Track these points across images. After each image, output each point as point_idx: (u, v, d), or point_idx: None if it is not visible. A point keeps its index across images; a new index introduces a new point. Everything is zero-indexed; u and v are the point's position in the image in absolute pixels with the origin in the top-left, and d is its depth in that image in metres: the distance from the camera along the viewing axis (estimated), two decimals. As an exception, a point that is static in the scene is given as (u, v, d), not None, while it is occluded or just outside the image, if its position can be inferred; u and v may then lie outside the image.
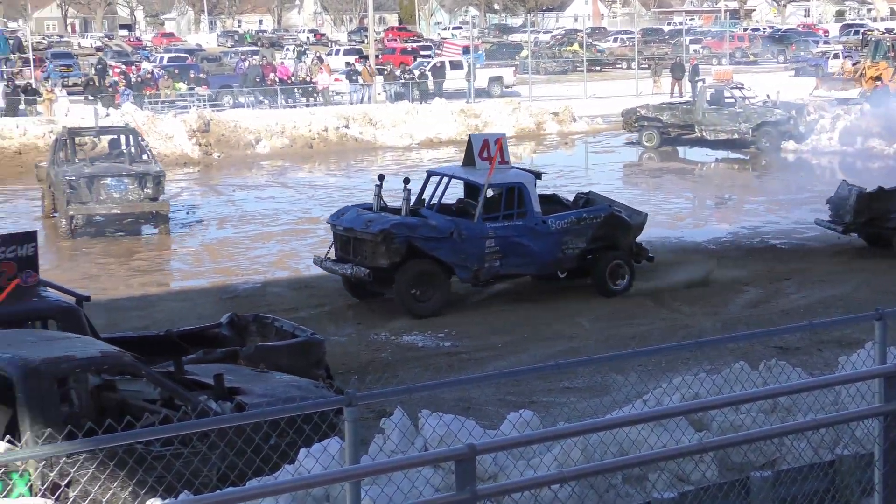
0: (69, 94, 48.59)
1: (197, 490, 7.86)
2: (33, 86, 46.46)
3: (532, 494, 6.82)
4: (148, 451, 8.23)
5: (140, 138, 26.96)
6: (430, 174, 19.91)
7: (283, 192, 30.96)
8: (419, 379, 14.03)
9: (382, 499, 6.94)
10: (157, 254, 23.84)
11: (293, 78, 50.93)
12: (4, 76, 47.87)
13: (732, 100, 36.96)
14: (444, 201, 18.85)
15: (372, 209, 18.53)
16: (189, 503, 5.97)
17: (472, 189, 18.78)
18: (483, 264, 18.16)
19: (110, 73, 52.36)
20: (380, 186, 18.66)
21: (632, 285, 18.85)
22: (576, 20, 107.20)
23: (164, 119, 39.14)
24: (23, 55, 51.88)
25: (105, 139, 29.13)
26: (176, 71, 52.34)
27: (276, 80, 49.59)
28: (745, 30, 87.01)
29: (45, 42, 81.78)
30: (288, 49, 75.78)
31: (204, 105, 45.04)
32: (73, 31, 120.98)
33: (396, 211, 18.47)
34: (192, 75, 51.59)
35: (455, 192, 19.53)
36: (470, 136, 19.94)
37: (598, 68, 65.26)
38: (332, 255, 18.59)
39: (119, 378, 9.75)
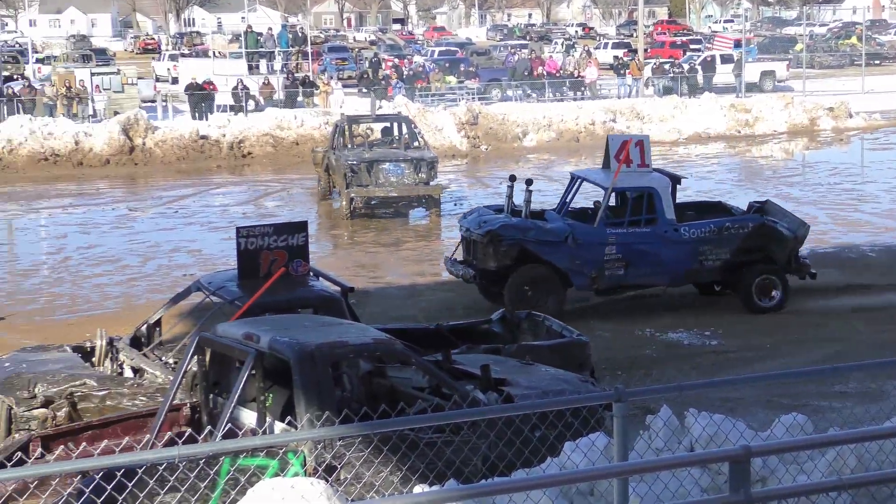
0: (344, 86, 50.03)
1: (466, 479, 7.94)
2: (311, 78, 48.06)
3: (809, 500, 6.59)
4: (419, 437, 8.36)
5: (413, 126, 28.28)
6: (572, 176, 19.21)
7: (549, 186, 30.95)
8: (685, 377, 13.84)
9: (650, 497, 6.85)
10: (425, 243, 24.25)
11: (561, 71, 50.97)
12: (284, 69, 49.64)
13: None
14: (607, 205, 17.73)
15: (502, 211, 17.98)
16: (457, 491, 6.02)
17: (618, 194, 17.85)
18: (602, 272, 17.14)
19: (383, 66, 53.68)
20: (511, 188, 18.13)
21: (785, 303, 17.47)
22: (854, 12, 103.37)
23: (434, 112, 39.80)
24: (302, 49, 53.67)
25: (379, 127, 30.89)
26: (447, 64, 53.19)
27: (544, 73, 49.76)
28: None
29: (322, 36, 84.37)
30: (556, 43, 75.93)
31: (473, 98, 45.64)
32: (349, 25, 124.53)
33: (537, 214, 17.87)
34: (461, 69, 52.33)
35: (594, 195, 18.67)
36: (608, 137, 19.07)
37: (877, 62, 62.82)
38: (459, 255, 18.05)
39: (389, 365, 9.96)
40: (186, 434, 6.75)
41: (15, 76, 49.74)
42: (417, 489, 7.55)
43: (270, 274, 11.35)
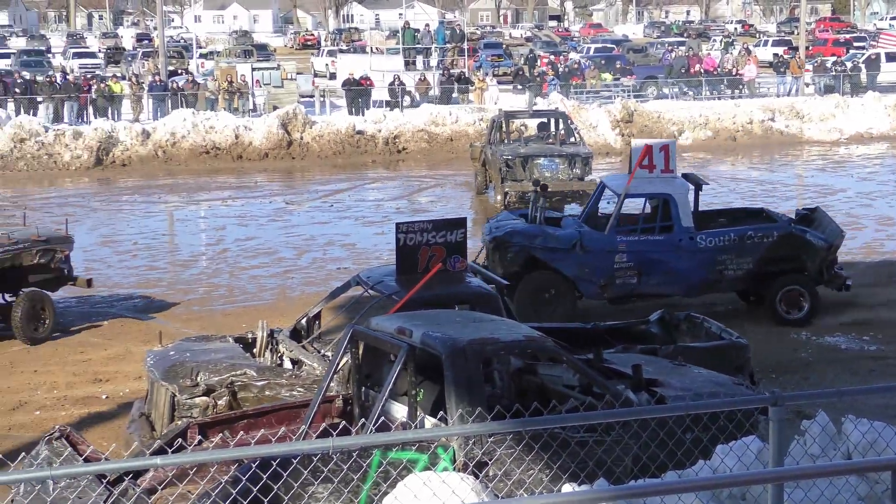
0: (499, 83, 50.08)
1: (616, 479, 7.88)
2: (466, 75, 48.22)
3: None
4: (570, 436, 8.32)
5: (569, 122, 28.39)
6: (599, 182, 18.69)
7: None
8: (843, 382, 13.51)
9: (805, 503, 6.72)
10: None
11: (719, 69, 50.22)
12: (440, 66, 49.92)
13: None
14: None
15: (526, 218, 17.60)
16: (608, 492, 5.98)
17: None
18: (613, 280, 16.60)
19: (538, 63, 53.58)
20: (537, 194, 17.84)
21: (813, 315, 16.65)
22: None
23: (588, 109, 39.61)
24: (458, 45, 53.90)
25: (535, 123, 30.98)
26: (602, 61, 52.85)
27: (702, 71, 49.07)
28: None
29: (478, 33, 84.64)
30: (715, 40, 74.86)
31: (628, 95, 45.26)
32: (505, 21, 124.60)
33: (554, 221, 17.48)
34: (617, 66, 51.94)
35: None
36: (632, 142, 18.40)
37: None
38: (481, 260, 17.33)
39: (540, 363, 9.94)
40: (341, 426, 6.82)
41: (179, 71, 51.03)
42: (567, 488, 7.52)
43: (428, 269, 11.46)
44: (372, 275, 12.32)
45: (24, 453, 8.74)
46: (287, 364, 11.55)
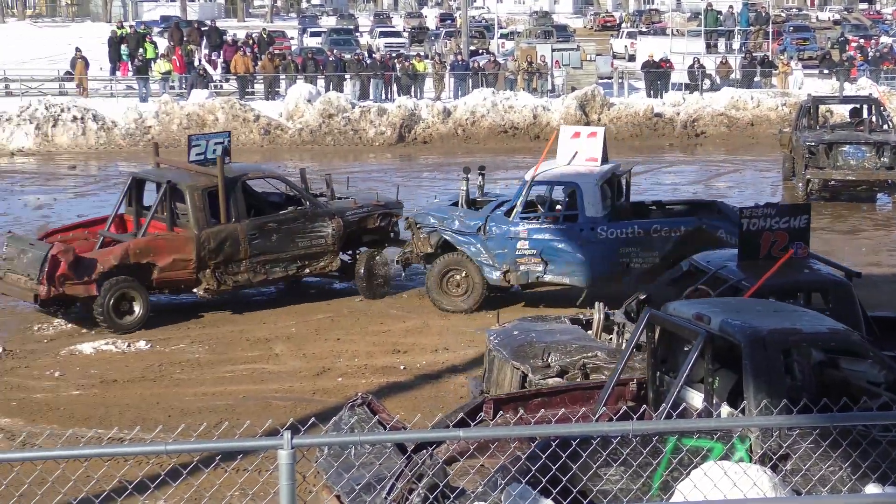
0: (804, 67, 48.63)
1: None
2: (769, 58, 47.02)
3: None
4: (881, 435, 8.01)
5: (882, 108, 27.47)
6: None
7: None
8: None
9: None
10: (883, 232, 23.26)
11: None
12: (743, 48, 48.87)
13: None
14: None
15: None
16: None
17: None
18: (516, 267, 16.43)
19: (847, 47, 51.73)
20: (467, 180, 17.50)
21: None
22: None
23: (900, 95, 38.02)
24: (763, 28, 52.63)
25: (846, 109, 29.93)
26: (916, 46, 50.57)
27: None
28: None
29: (783, 15, 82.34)
30: None
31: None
32: (812, 4, 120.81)
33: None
34: (933, 50, 49.56)
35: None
36: (559, 127, 18.05)
37: None
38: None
39: (844, 357, 9.63)
40: (641, 410, 6.82)
41: (480, 51, 51.81)
42: (871, 488, 7.29)
43: (770, 255, 11.35)
44: (711, 259, 12.23)
45: (333, 418, 9.11)
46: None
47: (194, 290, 16.78)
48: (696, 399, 8.83)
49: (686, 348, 9.09)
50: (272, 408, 12.73)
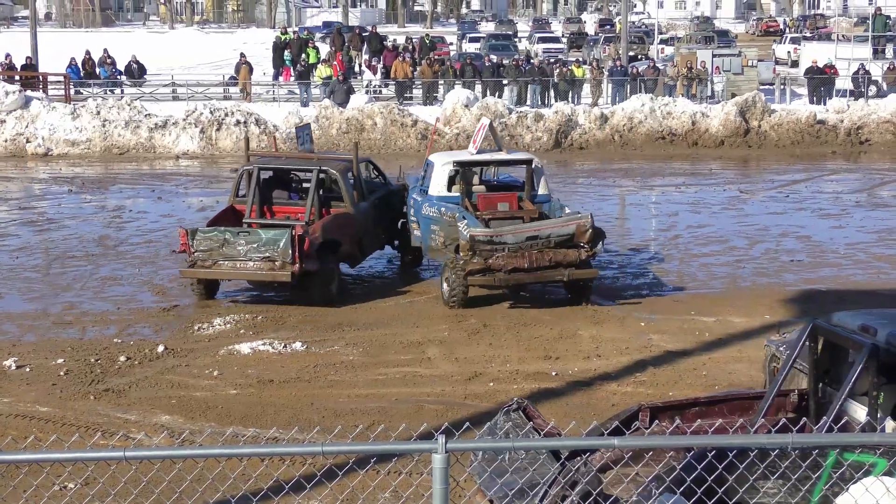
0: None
1: None
2: (939, 64, 45.59)
3: None
4: None
5: None
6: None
7: None
8: None
9: None
10: None
11: None
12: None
13: None
14: None
15: None
16: None
17: None
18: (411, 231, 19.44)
19: None
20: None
21: None
22: None
23: None
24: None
25: None
26: None
27: None
28: None
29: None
30: None
31: None
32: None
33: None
34: None
35: None
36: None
37: None
38: None
39: None
40: (801, 423, 6.64)
41: (640, 56, 51.41)
42: None
43: None
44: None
45: (488, 423, 9.09)
46: None
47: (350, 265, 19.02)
48: (859, 412, 8.58)
49: (850, 360, 8.85)
50: (424, 411, 12.78)
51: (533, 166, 18.83)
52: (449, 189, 18.55)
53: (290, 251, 16.85)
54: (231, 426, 12.22)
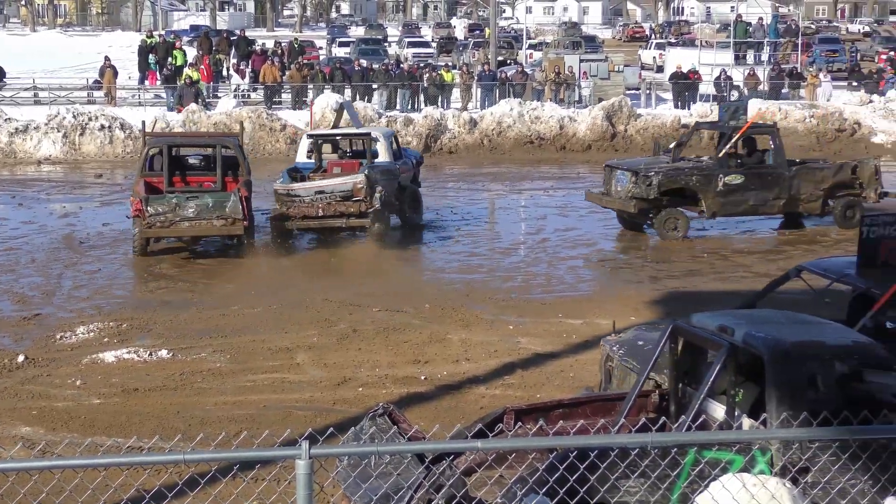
0: (833, 79, 48.40)
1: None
2: (798, 70, 46.82)
3: None
4: (893, 447, 7.92)
5: None
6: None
7: None
8: None
9: None
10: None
11: None
12: (772, 60, 48.67)
13: None
14: None
15: None
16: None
17: None
18: None
19: (876, 59, 51.50)
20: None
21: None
22: None
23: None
24: (792, 40, 52.43)
25: None
26: (945, 58, 50.24)
27: None
28: None
29: (813, 27, 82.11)
30: None
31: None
32: (843, 16, 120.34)
33: None
34: (963, 63, 49.25)
35: None
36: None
37: None
38: None
39: (870, 370, 9.50)
40: (660, 422, 6.74)
41: (508, 61, 51.82)
42: (890, 501, 7.19)
43: (887, 264, 11.21)
44: (829, 267, 12.01)
45: (353, 428, 9.04)
46: None
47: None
48: (717, 411, 8.74)
49: (709, 360, 9.01)
50: (293, 417, 12.69)
51: (372, 137, 23.23)
52: (309, 157, 23.43)
53: (241, 209, 19.92)
54: (94, 436, 11.98)
